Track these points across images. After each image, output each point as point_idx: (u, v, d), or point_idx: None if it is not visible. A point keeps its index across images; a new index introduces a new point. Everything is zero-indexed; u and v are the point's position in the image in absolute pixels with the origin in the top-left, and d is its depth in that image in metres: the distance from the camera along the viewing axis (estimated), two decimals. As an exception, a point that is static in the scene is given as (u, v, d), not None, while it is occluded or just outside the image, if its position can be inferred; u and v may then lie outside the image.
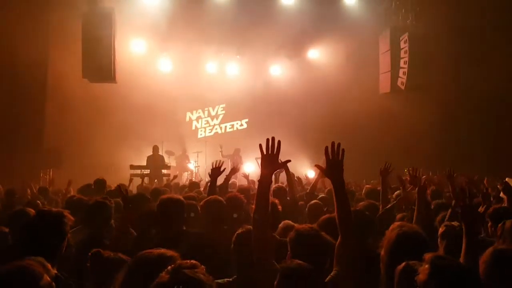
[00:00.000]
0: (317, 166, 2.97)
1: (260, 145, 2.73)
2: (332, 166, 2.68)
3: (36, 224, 2.85)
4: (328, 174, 2.70)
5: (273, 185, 6.85)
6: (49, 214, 2.87)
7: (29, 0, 11.15)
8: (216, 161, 4.86)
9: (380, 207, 4.71)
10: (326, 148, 2.69)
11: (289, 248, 2.68)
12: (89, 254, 2.55)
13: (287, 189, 5.55)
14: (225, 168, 4.89)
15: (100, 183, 6.55)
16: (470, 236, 2.52)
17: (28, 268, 1.97)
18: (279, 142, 2.72)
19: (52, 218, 2.82)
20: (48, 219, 2.82)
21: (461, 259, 2.42)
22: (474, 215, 2.58)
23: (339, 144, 2.70)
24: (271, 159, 2.71)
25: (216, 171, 4.76)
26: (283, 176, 7.89)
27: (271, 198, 3.06)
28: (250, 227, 2.95)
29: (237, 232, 3.04)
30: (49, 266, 2.35)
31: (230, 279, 2.77)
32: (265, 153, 2.71)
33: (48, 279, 2.01)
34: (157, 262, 2.01)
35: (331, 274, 2.60)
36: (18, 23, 10.75)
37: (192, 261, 1.81)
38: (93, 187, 6.53)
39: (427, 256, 1.95)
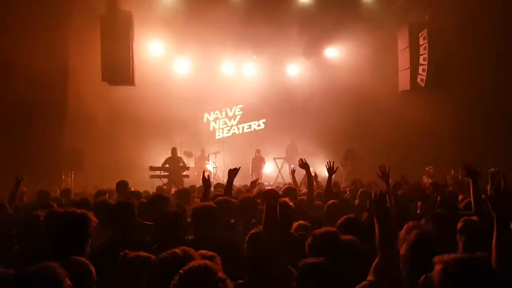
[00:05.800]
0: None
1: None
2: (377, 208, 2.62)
3: (60, 226, 2.88)
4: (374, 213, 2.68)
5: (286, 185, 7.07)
6: (73, 216, 2.89)
7: (48, 4, 11.33)
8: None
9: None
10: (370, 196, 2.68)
11: (307, 250, 2.65)
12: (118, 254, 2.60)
13: (307, 190, 5.54)
14: (240, 167, 4.93)
15: (123, 185, 6.68)
16: (502, 226, 2.34)
17: (51, 270, 1.97)
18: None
19: (76, 219, 2.85)
20: (72, 221, 2.85)
21: (493, 254, 2.31)
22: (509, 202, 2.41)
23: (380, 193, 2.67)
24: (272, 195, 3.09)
25: (233, 172, 4.78)
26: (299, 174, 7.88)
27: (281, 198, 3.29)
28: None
29: (250, 232, 3.10)
30: (92, 268, 2.38)
31: (242, 281, 2.74)
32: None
33: (69, 282, 2.00)
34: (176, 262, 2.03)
35: (363, 283, 2.45)
36: (38, 28, 10.95)
37: (204, 261, 1.83)
38: (115, 189, 6.67)
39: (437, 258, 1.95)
